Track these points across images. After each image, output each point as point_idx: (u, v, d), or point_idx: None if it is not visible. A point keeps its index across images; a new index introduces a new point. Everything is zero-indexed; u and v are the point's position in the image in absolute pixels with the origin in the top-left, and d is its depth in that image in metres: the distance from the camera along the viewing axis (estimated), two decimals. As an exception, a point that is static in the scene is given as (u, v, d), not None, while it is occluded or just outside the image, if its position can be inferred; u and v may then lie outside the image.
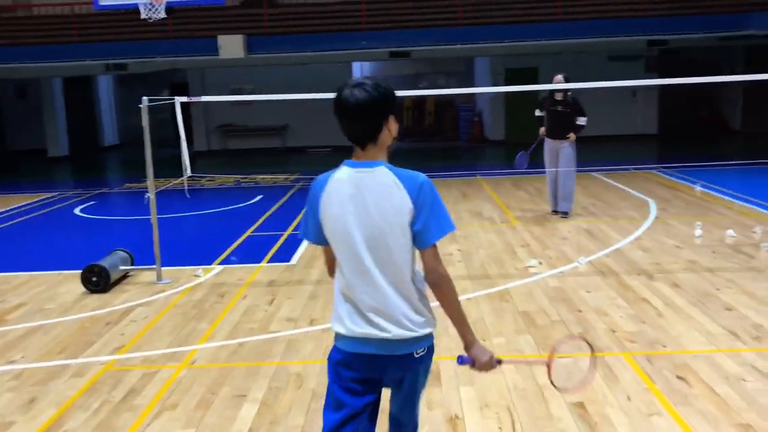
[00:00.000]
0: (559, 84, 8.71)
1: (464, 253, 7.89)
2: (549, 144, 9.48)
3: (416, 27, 17.59)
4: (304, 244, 8.57)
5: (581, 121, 9.29)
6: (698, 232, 8.28)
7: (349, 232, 2.53)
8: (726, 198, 10.56)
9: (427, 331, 2.60)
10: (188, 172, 7.67)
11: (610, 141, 20.01)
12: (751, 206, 9.87)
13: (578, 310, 5.81)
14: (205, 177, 14.93)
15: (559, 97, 9.38)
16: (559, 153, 9.39)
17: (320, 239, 2.64)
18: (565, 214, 9.53)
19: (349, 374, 2.62)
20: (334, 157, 3.48)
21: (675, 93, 21.13)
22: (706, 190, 11.10)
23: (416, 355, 2.59)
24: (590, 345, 2.86)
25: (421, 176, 2.53)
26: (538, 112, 9.73)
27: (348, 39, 17.82)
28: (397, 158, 2.63)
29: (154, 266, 7.25)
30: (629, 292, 6.25)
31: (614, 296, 6.15)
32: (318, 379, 4.65)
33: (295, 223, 9.88)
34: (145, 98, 7.17)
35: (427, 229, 2.51)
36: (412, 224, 2.51)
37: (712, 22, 17.44)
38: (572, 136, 9.30)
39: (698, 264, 7.06)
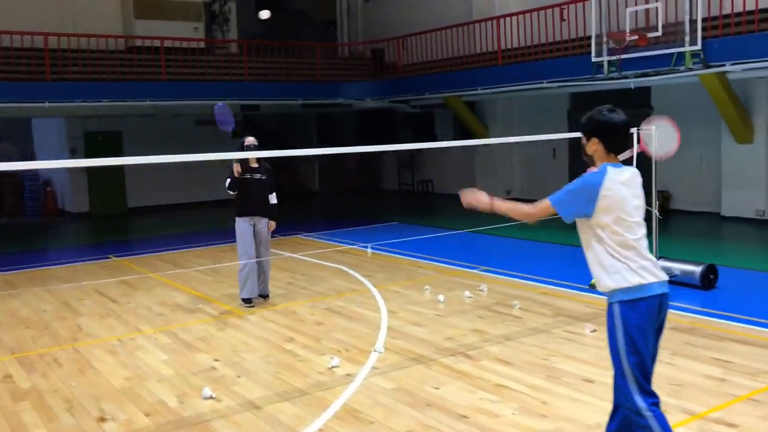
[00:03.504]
0: (250, 153, 7.37)
1: (231, 364, 6.10)
2: (248, 221, 8.10)
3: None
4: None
5: (274, 199, 8.27)
6: (441, 297, 8.03)
7: (629, 207, 3.41)
8: (400, 257, 10.70)
9: None
10: None
11: (205, 207, 19.22)
12: (432, 262, 10.14)
13: (463, 416, 4.82)
14: None
15: (254, 164, 8.20)
16: (261, 229, 8.16)
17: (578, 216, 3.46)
18: (267, 297, 8.32)
19: (654, 316, 3.43)
20: None
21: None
22: (376, 251, 11.12)
23: None
24: None
25: None
26: (232, 193, 8.05)
27: None
28: None
29: None
30: (475, 379, 5.50)
31: (469, 387, 5.32)
32: None
33: None
34: None
35: None
36: None
37: (306, 90, 18.13)
38: (272, 225, 8.23)
39: (487, 332, 6.72)
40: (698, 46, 11.23)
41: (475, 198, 3.77)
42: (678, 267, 8.26)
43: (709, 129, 13.87)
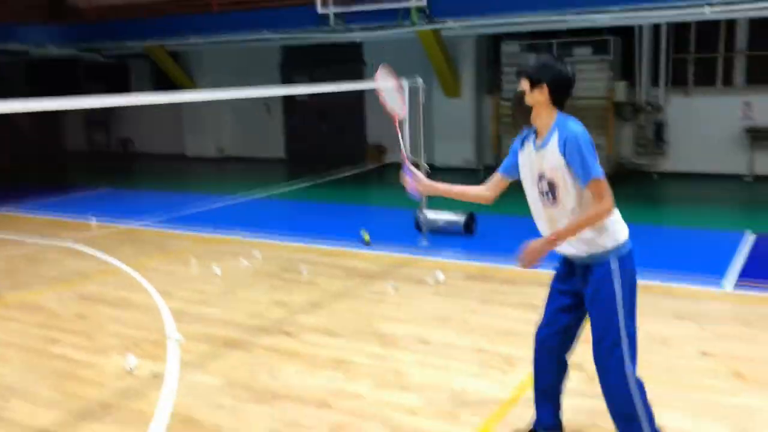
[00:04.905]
0: None
1: (-17, 383, 4.62)
2: None
3: None
4: None
5: None
6: (216, 269, 7.14)
7: None
8: (137, 227, 9.40)
9: None
10: None
11: None
12: (179, 231, 9.08)
13: (324, 404, 4.21)
14: None
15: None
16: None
17: None
18: None
19: None
20: None
21: None
22: (103, 223, 9.65)
23: None
24: None
25: None
26: None
27: None
28: None
29: None
30: (309, 357, 4.90)
31: (308, 369, 4.71)
32: None
33: None
34: None
35: None
36: None
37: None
38: None
39: (291, 303, 6.09)
40: (424, 2, 11.56)
41: (534, 250, 3.24)
42: (442, 217, 8.47)
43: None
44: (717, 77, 12.45)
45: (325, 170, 14.24)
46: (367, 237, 8.23)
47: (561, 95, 3.15)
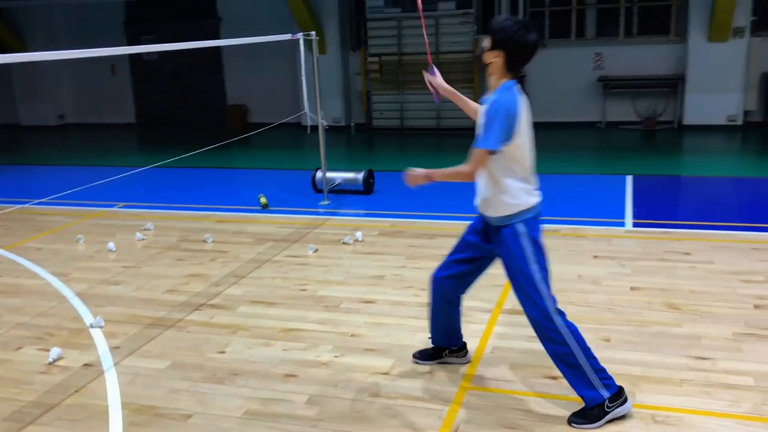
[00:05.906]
0: None
1: None
2: None
3: None
4: None
5: None
6: (110, 245, 6.52)
7: (530, 130, 3.28)
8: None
9: None
10: None
11: None
12: (51, 206, 8.21)
13: (290, 375, 3.99)
14: None
15: None
16: None
17: (506, 142, 3.15)
18: None
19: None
20: None
21: None
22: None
23: None
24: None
25: None
26: None
27: None
28: None
29: None
30: (253, 329, 4.62)
31: (257, 341, 4.45)
32: None
33: None
34: None
35: None
36: None
37: None
38: None
39: (209, 275, 5.70)
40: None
41: (416, 175, 3.40)
42: (340, 176, 8.30)
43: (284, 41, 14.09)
44: (571, 30, 13.10)
45: (183, 135, 13.46)
46: (264, 200, 7.89)
47: (517, 63, 3.18)
